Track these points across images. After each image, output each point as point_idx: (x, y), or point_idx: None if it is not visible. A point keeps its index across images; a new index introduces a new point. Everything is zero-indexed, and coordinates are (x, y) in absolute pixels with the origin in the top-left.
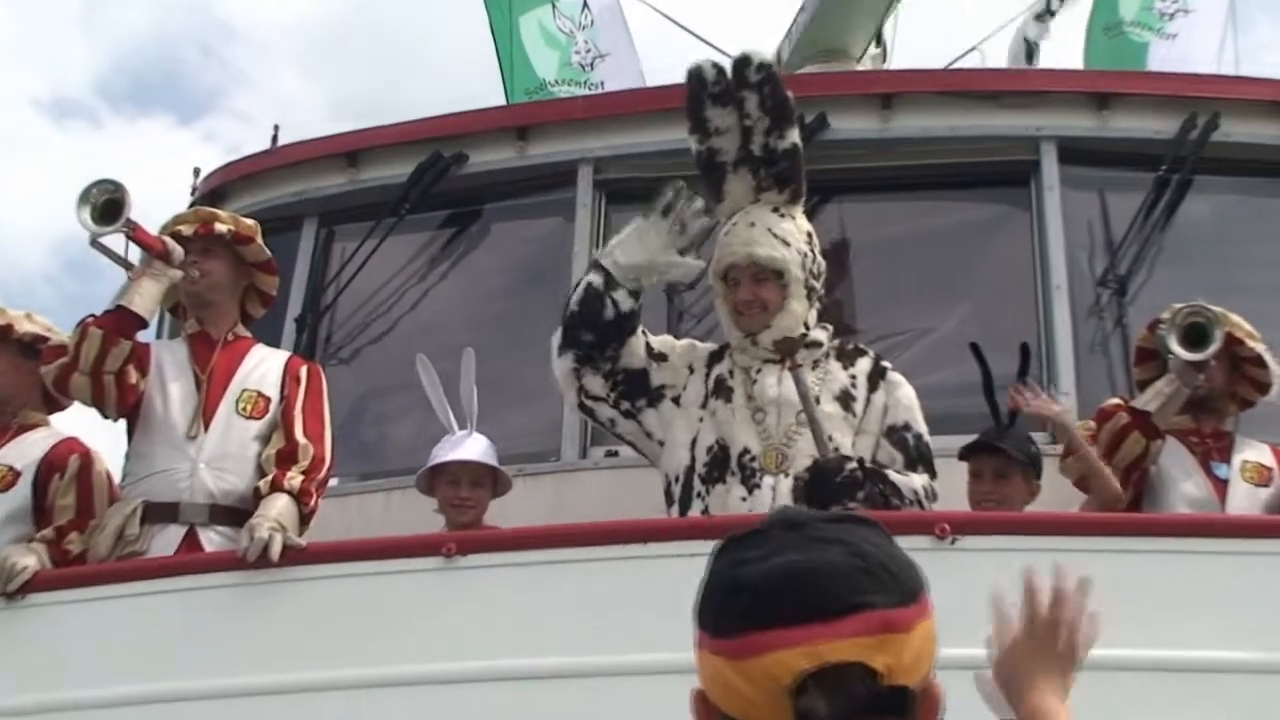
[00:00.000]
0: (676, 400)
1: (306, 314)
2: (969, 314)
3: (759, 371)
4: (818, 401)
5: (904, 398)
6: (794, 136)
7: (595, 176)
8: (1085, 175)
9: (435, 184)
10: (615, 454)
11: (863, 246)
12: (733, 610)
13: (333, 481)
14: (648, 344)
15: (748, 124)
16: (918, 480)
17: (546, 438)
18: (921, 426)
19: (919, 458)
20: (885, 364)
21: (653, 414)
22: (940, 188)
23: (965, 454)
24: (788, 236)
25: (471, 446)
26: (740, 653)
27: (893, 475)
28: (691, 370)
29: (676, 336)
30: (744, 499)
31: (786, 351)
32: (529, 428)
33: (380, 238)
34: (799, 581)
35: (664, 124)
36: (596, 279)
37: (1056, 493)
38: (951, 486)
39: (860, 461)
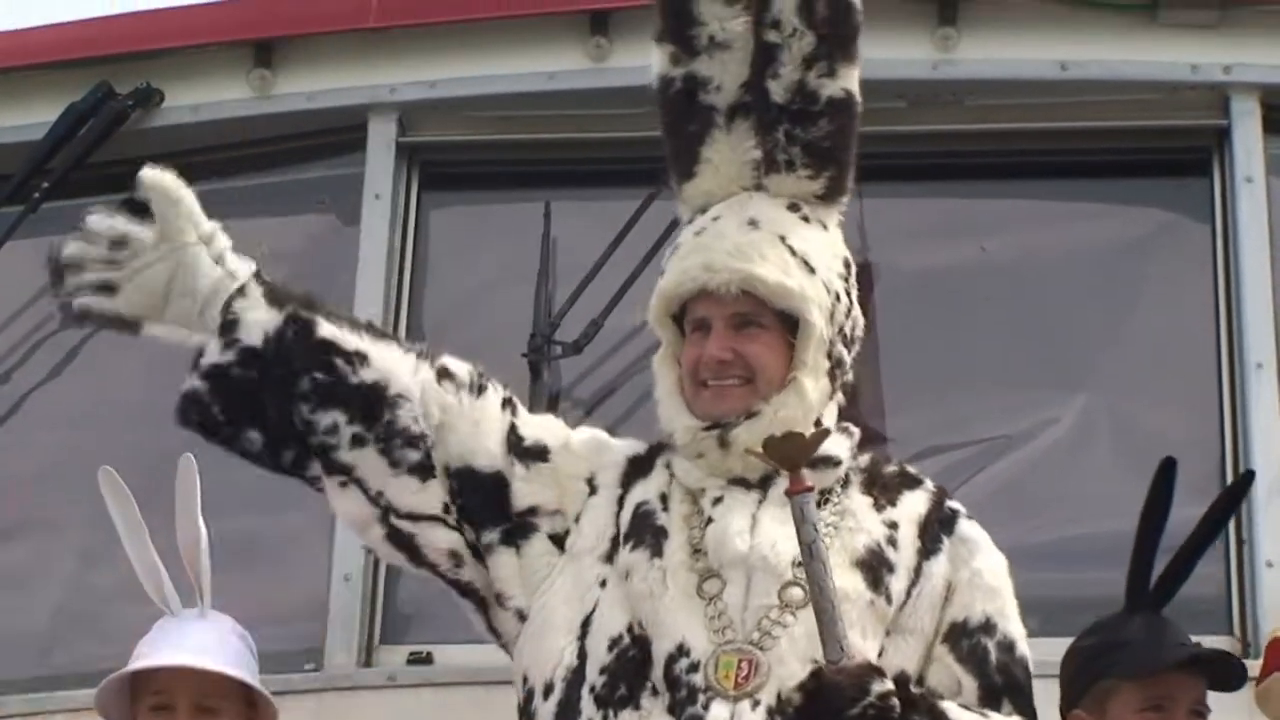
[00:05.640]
0: (559, 540)
1: None
2: (1089, 411)
3: (718, 502)
4: (824, 566)
5: (988, 570)
6: (853, 78)
7: (400, 138)
8: None
9: (100, 146)
10: (426, 659)
11: (902, 284)
12: None
13: None
14: (513, 426)
15: (772, 40)
16: None
17: (298, 629)
18: (1017, 627)
19: (1007, 687)
20: (954, 505)
21: (508, 558)
22: (1047, 177)
23: (1157, 670)
24: (813, 257)
25: (201, 641)
26: None
27: (953, 716)
28: (593, 488)
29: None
30: None
31: (790, 458)
32: (267, 606)
33: None
34: None
35: (536, 42)
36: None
37: None
38: None
39: (901, 683)
